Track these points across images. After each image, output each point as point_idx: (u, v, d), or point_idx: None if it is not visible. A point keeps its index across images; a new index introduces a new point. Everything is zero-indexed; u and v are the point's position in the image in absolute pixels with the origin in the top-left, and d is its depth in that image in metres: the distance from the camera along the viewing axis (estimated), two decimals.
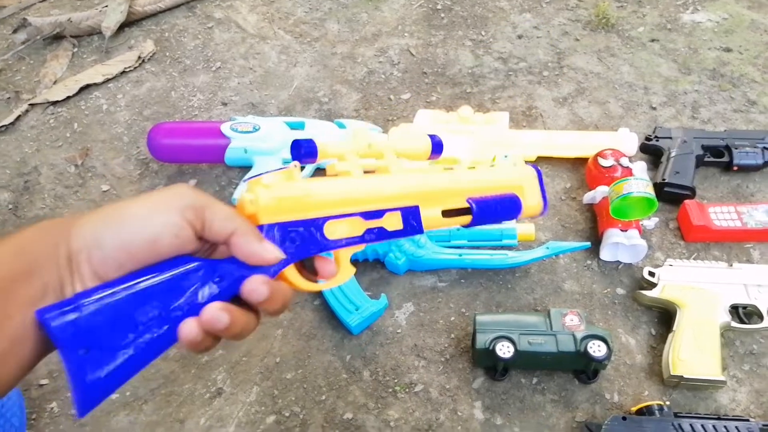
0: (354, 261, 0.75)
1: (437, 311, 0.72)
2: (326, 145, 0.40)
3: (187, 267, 0.32)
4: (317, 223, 0.37)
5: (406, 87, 1.00)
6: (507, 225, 0.74)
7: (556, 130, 0.90)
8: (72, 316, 0.29)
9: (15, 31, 1.14)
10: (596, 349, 0.61)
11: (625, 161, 0.79)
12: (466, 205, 0.43)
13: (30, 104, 1.00)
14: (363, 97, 0.99)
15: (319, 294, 0.73)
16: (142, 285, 0.30)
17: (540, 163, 0.85)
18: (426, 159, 0.44)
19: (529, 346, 0.62)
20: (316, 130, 0.87)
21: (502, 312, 0.70)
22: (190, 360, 0.69)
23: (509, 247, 0.75)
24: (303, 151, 0.39)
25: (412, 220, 0.40)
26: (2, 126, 0.97)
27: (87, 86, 1.03)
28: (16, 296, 0.28)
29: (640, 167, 0.78)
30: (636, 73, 0.99)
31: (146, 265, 0.31)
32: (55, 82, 1.05)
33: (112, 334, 0.29)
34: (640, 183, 0.72)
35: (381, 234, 0.39)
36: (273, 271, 0.34)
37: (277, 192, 0.35)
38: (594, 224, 0.79)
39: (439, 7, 1.14)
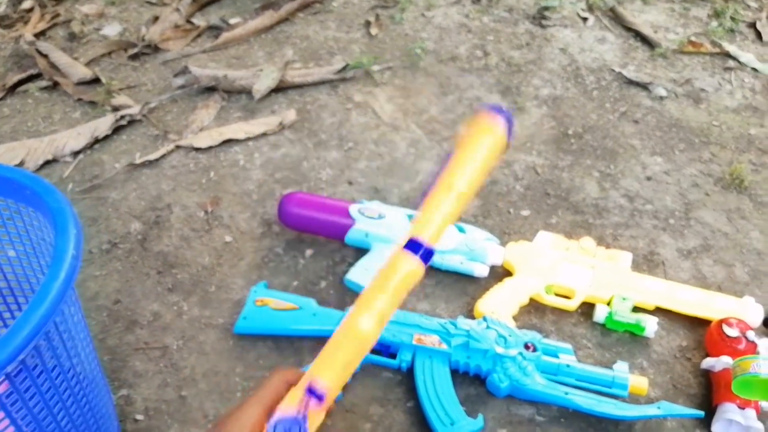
0: (453, 371, 0.74)
1: None
2: None
3: None
4: None
5: (527, 204, 1.01)
6: (621, 374, 0.72)
7: (677, 282, 0.87)
8: None
9: (176, 76, 1.25)
10: None
11: (751, 335, 0.76)
12: None
13: (176, 145, 1.09)
14: (483, 204, 1.01)
15: (414, 396, 0.72)
16: None
17: (657, 314, 0.82)
18: None
19: None
20: None
21: None
22: None
23: (617, 396, 0.72)
24: None
25: None
26: (147, 160, 1.06)
27: (229, 140, 1.10)
28: None
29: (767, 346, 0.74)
30: (766, 241, 0.96)
31: None
32: (201, 130, 1.14)
33: None
34: None
35: None
36: None
37: None
38: (708, 391, 0.75)
39: (569, 132, 1.16)
